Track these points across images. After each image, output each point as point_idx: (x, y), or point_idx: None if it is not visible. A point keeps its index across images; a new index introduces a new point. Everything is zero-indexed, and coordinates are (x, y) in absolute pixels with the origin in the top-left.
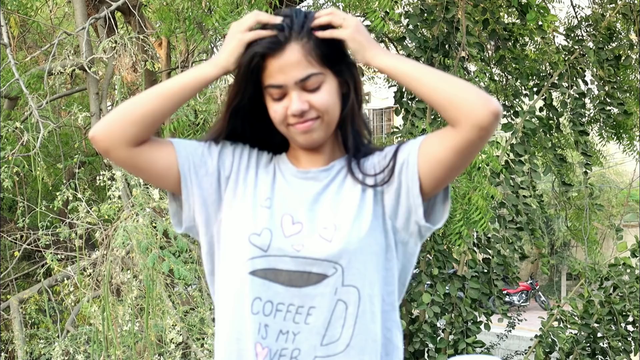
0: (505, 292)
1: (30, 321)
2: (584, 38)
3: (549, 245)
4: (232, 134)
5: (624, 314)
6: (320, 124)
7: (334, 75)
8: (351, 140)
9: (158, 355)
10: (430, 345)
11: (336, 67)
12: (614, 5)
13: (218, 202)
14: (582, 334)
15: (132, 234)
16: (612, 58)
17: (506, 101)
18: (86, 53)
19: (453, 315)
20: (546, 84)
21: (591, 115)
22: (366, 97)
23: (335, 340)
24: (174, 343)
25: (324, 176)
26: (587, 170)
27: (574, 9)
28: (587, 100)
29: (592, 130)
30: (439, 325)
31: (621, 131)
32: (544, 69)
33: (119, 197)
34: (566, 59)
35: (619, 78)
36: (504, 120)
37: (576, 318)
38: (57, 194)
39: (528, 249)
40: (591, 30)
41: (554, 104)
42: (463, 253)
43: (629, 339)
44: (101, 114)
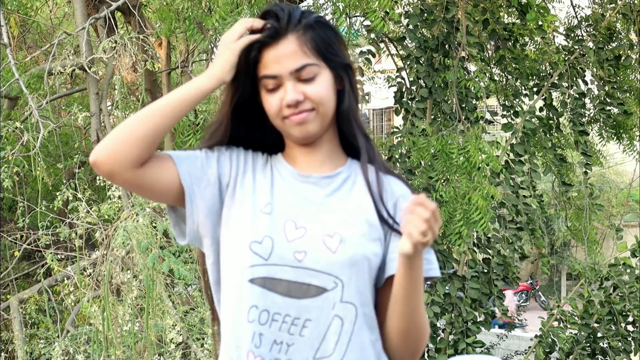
0: (504, 292)
1: (30, 321)
2: (584, 38)
3: (549, 245)
4: (230, 134)
5: (624, 314)
6: (315, 116)
7: (329, 69)
8: (362, 142)
9: (158, 355)
10: (430, 345)
11: (332, 62)
12: (614, 5)
13: (221, 210)
14: (582, 334)
15: (132, 234)
16: (612, 58)
17: (506, 101)
18: (86, 53)
19: (453, 315)
20: (546, 84)
21: (591, 115)
22: (366, 97)
23: (328, 355)
24: (174, 343)
25: (326, 183)
26: (587, 170)
27: (574, 9)
28: (587, 100)
29: (592, 130)
30: (439, 325)
31: (621, 131)
32: (544, 69)
33: (119, 197)
34: (566, 59)
35: (619, 78)
36: (504, 120)
37: (576, 318)
38: (57, 194)
39: (528, 249)
40: (591, 30)
41: (554, 104)
42: (463, 253)
43: (629, 339)
44: (101, 114)
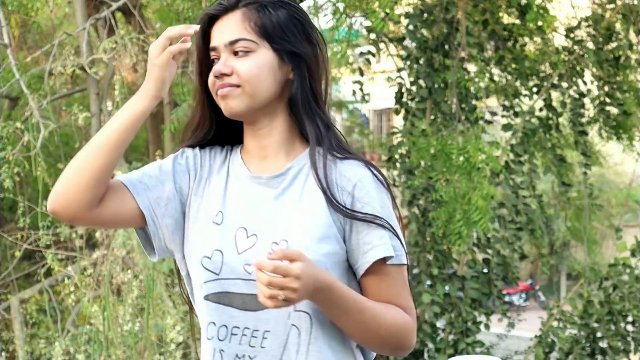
0: (505, 292)
1: (30, 321)
2: (584, 38)
3: (548, 245)
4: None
5: (623, 314)
6: (240, 94)
7: (272, 52)
8: (311, 129)
9: (158, 355)
10: (430, 345)
11: (277, 44)
12: (613, 6)
13: (184, 224)
14: (582, 334)
15: (133, 233)
16: (611, 58)
17: (506, 101)
18: (86, 53)
19: (453, 315)
20: (546, 84)
21: (591, 115)
22: (366, 97)
23: None
24: (174, 343)
25: (277, 182)
26: (587, 171)
27: (573, 9)
28: (586, 101)
29: (591, 130)
30: (438, 325)
31: (621, 131)
32: (543, 69)
33: None
34: (566, 59)
35: (618, 78)
36: (504, 121)
37: (576, 318)
38: None
39: (528, 249)
40: (591, 30)
41: (554, 104)
42: (463, 253)
43: (629, 339)
44: (101, 114)
